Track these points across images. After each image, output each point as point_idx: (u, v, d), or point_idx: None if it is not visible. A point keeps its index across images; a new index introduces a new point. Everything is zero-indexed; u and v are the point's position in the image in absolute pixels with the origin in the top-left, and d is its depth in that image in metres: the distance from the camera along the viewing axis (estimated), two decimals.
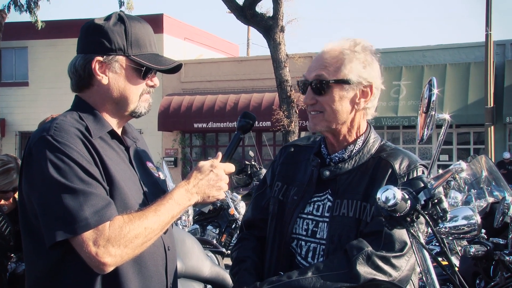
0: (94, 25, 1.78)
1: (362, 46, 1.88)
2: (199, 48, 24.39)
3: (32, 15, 17.09)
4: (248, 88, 20.28)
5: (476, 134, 18.12)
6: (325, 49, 1.89)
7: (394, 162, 1.85)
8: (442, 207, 1.49)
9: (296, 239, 1.93)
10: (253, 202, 2.10)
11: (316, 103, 1.88)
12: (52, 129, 1.65)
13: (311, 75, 1.88)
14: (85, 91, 1.80)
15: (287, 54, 14.13)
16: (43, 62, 22.64)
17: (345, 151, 1.92)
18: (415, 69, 18.01)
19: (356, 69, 1.84)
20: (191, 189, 1.73)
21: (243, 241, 2.05)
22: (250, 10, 13.97)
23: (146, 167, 1.89)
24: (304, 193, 1.94)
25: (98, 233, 1.55)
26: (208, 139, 21.68)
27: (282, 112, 13.96)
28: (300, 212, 1.93)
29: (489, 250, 2.77)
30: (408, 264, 1.75)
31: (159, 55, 1.83)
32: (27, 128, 21.73)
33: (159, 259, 1.79)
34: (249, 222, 2.08)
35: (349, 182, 1.87)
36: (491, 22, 14.37)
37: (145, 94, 1.82)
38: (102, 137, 1.75)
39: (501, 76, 17.10)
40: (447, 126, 1.54)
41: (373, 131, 1.97)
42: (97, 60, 1.74)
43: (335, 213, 1.85)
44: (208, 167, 1.77)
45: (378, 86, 1.90)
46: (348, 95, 1.86)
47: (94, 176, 1.61)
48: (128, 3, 17.14)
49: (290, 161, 2.04)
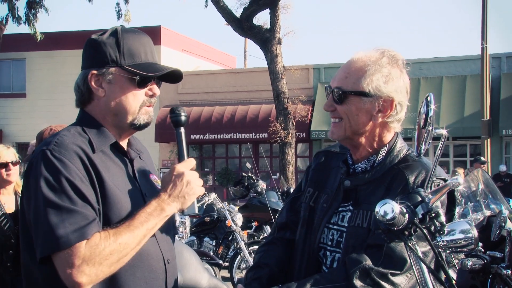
0: (89, 40, 1.82)
1: (389, 58, 1.85)
2: (196, 60, 24.49)
3: (31, 27, 17.14)
4: (245, 100, 20.34)
5: (473, 146, 18.18)
6: (353, 58, 1.89)
7: (410, 175, 1.82)
8: (439, 220, 1.50)
9: (323, 248, 1.93)
10: (288, 204, 2.10)
11: (335, 110, 1.88)
12: (52, 143, 1.68)
13: (334, 83, 1.89)
14: (88, 106, 1.83)
15: (284, 66, 14.20)
16: (41, 73, 22.69)
17: (368, 161, 1.91)
18: (412, 81, 17.55)
19: (376, 82, 1.82)
20: (164, 200, 1.72)
21: (270, 245, 2.05)
22: (247, 23, 14.07)
23: (149, 180, 1.90)
24: (332, 201, 1.94)
25: (74, 252, 1.55)
26: (205, 151, 21.69)
27: (279, 124, 14.00)
28: (328, 222, 1.93)
29: (486, 263, 2.78)
30: (410, 282, 1.72)
31: (155, 64, 1.83)
32: (24, 139, 21.68)
33: (159, 272, 1.79)
34: (282, 224, 2.08)
35: (368, 192, 1.86)
36: (487, 35, 14.48)
37: (145, 107, 1.82)
38: (104, 150, 1.76)
39: (497, 89, 17.20)
40: (444, 141, 1.55)
41: (400, 140, 1.93)
42: (92, 74, 1.77)
43: (351, 224, 1.85)
44: (168, 175, 1.77)
45: (402, 101, 1.87)
46: (365, 107, 1.84)
47: (83, 195, 1.62)
48: (126, 15, 17.25)
49: (322, 167, 2.04)
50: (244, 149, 20.68)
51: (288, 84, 14.26)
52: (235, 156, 21.43)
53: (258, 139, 18.88)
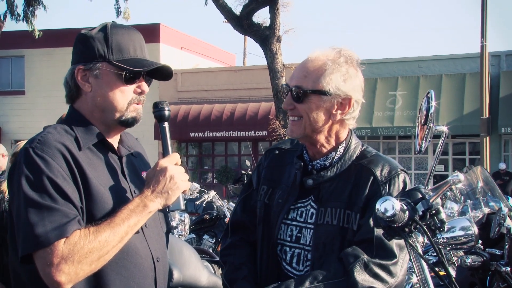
0: (79, 35, 1.81)
1: (346, 57, 1.89)
2: (195, 58, 24.45)
3: (29, 24, 17.11)
4: (245, 98, 20.33)
5: (472, 144, 18.18)
6: (310, 57, 1.92)
7: (375, 169, 1.88)
8: (439, 217, 1.51)
9: (280, 244, 1.95)
10: (241, 203, 2.10)
11: (294, 108, 1.91)
12: (35, 141, 1.67)
13: (292, 82, 1.91)
14: (77, 101, 1.82)
15: (284, 64, 14.18)
16: (40, 70, 22.65)
17: (327, 158, 1.94)
18: (411, 79, 18.10)
19: (335, 81, 1.86)
20: (147, 196, 1.69)
21: (237, 248, 2.04)
22: (247, 20, 14.04)
23: (140, 177, 1.87)
24: (288, 196, 1.96)
25: (52, 250, 1.54)
26: (205, 148, 21.68)
27: (278, 121, 14.00)
28: (284, 218, 1.95)
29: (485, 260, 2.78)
30: (402, 270, 1.78)
31: (143, 59, 1.80)
32: (23, 137, 21.53)
33: (147, 271, 1.77)
34: (237, 224, 2.08)
35: (332, 189, 1.89)
36: (487, 33, 14.46)
37: (134, 104, 1.80)
38: (91, 148, 1.75)
39: (496, 87, 17.20)
40: (445, 138, 1.56)
41: (354, 137, 1.99)
42: (79, 69, 1.76)
43: (319, 221, 1.88)
44: (151, 171, 1.75)
45: (358, 99, 1.92)
46: (324, 105, 1.87)
47: (64, 193, 1.60)
48: (125, 12, 17.21)
49: (275, 164, 2.06)
50: (243, 147, 20.67)
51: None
52: (234, 154, 21.42)
53: (258, 137, 18.86)
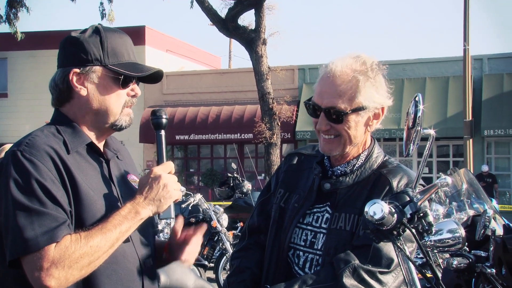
0: (70, 38, 1.78)
1: (372, 67, 1.85)
2: (181, 60, 24.39)
3: (11, 26, 16.93)
4: (230, 100, 20.31)
5: (456, 146, 18.37)
6: (335, 72, 1.82)
7: (392, 179, 1.86)
8: (427, 220, 1.51)
9: (293, 248, 1.93)
10: (258, 207, 2.09)
11: (330, 128, 1.86)
12: (23, 144, 1.65)
13: (324, 101, 1.83)
14: (65, 105, 1.80)
15: (269, 67, 14.20)
16: (23, 73, 22.41)
17: (348, 164, 1.93)
18: (396, 82, 18.23)
19: (370, 95, 1.83)
20: (139, 203, 1.69)
21: (248, 251, 2.04)
22: (232, 23, 14.04)
23: (126, 180, 1.87)
24: (304, 200, 1.94)
25: (43, 255, 1.53)
26: (190, 151, 21.61)
27: (264, 124, 14.00)
28: (300, 222, 1.93)
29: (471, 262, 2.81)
30: (396, 281, 1.76)
31: (137, 64, 1.82)
32: (7, 140, 21.33)
33: (135, 275, 1.76)
34: (254, 228, 2.07)
35: (348, 196, 1.88)
36: (469, 37, 14.65)
37: (126, 108, 1.81)
38: (79, 151, 1.73)
39: (479, 90, 17.41)
40: (432, 141, 1.57)
41: (377, 145, 1.98)
42: (74, 72, 1.74)
43: (332, 226, 1.86)
44: (145, 178, 1.75)
45: (388, 104, 1.90)
46: (363, 120, 1.86)
47: (53, 197, 1.59)
48: (109, 15, 17.11)
49: (294, 168, 2.05)
50: (229, 150, 20.64)
51: (273, 85, 14.25)
52: (220, 156, 21.39)
53: (243, 139, 18.85)
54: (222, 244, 7.84)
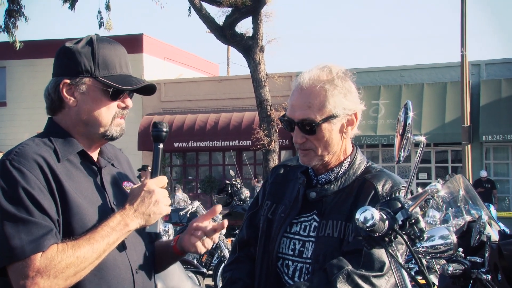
0: (64, 48, 1.79)
1: (339, 75, 1.87)
2: (179, 68, 24.44)
3: (10, 35, 16.97)
4: (228, 107, 20.34)
5: (454, 152, 18.39)
6: (303, 84, 1.86)
7: (377, 183, 1.87)
8: (419, 227, 1.52)
9: (282, 258, 1.94)
10: (247, 221, 2.11)
11: (306, 141, 1.88)
12: (12, 153, 1.66)
13: (296, 114, 1.86)
14: (58, 114, 1.81)
15: (267, 74, 14.24)
16: (21, 82, 22.44)
17: (332, 172, 1.94)
18: (393, 88, 18.29)
19: (339, 102, 1.85)
20: (129, 215, 1.69)
21: (239, 263, 2.05)
22: (229, 30, 14.09)
23: (121, 188, 1.86)
24: (290, 210, 1.96)
25: (28, 263, 1.53)
26: (188, 159, 21.61)
27: (262, 131, 14.02)
28: (286, 231, 1.94)
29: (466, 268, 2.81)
30: (388, 284, 1.77)
31: (129, 76, 1.81)
32: (5, 148, 21.34)
33: (126, 282, 1.75)
34: (243, 241, 2.09)
35: (334, 203, 1.89)
36: (466, 43, 14.71)
37: (117, 118, 1.80)
38: (70, 160, 1.74)
39: (476, 95, 17.45)
40: (423, 147, 1.57)
41: (359, 152, 2.00)
42: (65, 83, 1.75)
43: (320, 234, 1.87)
44: (138, 189, 1.74)
45: (361, 109, 1.92)
46: (336, 128, 1.87)
47: (40, 205, 1.59)
48: (107, 23, 17.17)
49: (280, 180, 2.07)
50: (227, 157, 20.65)
51: (271, 92, 14.29)
52: (218, 163, 21.38)
53: (242, 146, 18.86)
54: (220, 251, 7.82)
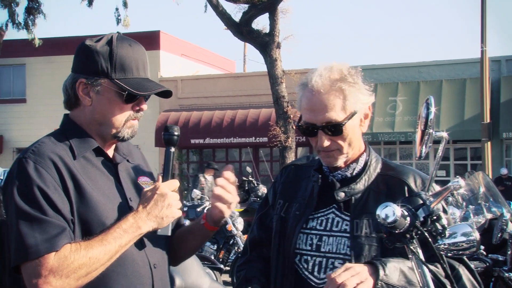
0: (83, 46, 1.80)
1: (350, 71, 1.87)
2: (195, 64, 24.51)
3: (29, 32, 17.19)
4: (245, 104, 20.35)
5: (473, 149, 18.17)
6: (318, 87, 1.83)
7: (407, 179, 1.88)
8: (441, 223, 1.49)
9: (299, 254, 1.93)
10: (258, 221, 2.11)
11: (332, 143, 1.86)
12: (29, 151, 1.68)
13: (319, 118, 1.83)
14: (74, 110, 1.83)
15: (284, 70, 14.21)
16: (41, 79, 22.71)
17: (348, 168, 1.93)
18: (411, 85, 18.12)
19: (357, 98, 1.84)
20: (142, 217, 1.69)
21: (252, 263, 2.05)
22: (246, 27, 14.08)
23: (137, 183, 1.87)
24: (305, 207, 1.95)
25: (42, 263, 1.54)
26: (205, 155, 21.68)
27: (279, 128, 14.00)
28: (303, 228, 1.94)
29: (488, 266, 2.78)
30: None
31: (146, 80, 1.80)
32: (25, 145, 21.65)
33: (145, 278, 1.76)
34: (255, 242, 2.09)
35: (364, 202, 1.88)
36: (486, 38, 14.50)
37: (131, 121, 1.80)
38: (86, 156, 1.75)
39: (496, 92, 17.21)
40: (445, 143, 1.55)
41: (371, 148, 1.99)
42: (81, 81, 1.77)
43: (356, 233, 1.85)
44: (150, 192, 1.75)
45: (373, 101, 1.92)
46: (356, 123, 1.88)
47: (55, 204, 1.60)
48: (124, 20, 17.29)
49: (291, 179, 2.06)
50: (244, 153, 20.67)
51: (287, 88, 14.25)
52: (235, 160, 21.42)
53: (258, 143, 18.87)
54: (237, 248, 7.84)
